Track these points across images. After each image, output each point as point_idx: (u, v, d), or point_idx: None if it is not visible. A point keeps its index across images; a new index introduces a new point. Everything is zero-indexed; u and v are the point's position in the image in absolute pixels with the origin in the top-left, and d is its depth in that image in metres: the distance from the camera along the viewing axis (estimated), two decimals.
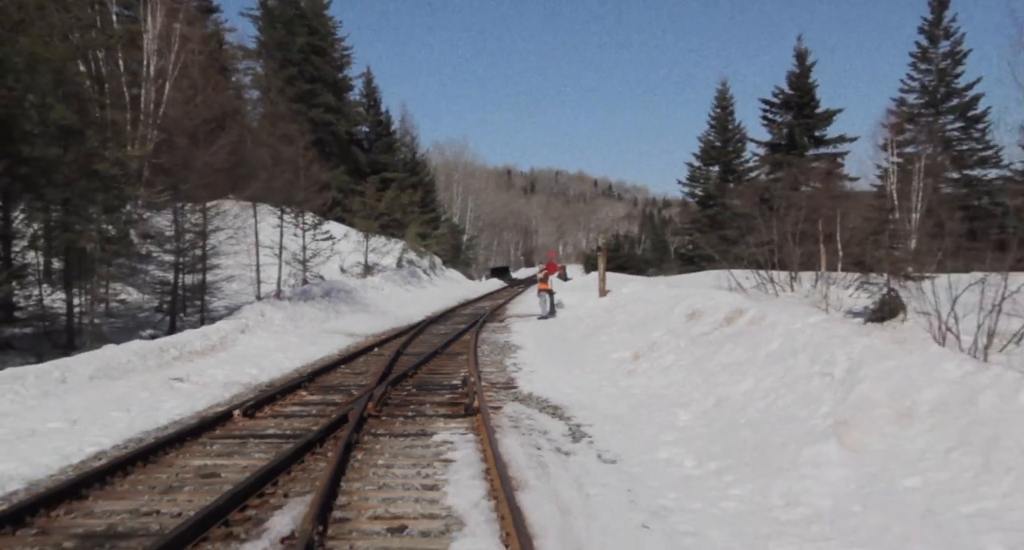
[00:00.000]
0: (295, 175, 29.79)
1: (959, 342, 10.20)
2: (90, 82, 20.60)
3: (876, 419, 7.37)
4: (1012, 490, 5.79)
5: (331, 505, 6.69)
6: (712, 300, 14.45)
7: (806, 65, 45.69)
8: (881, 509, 6.17)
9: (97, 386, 13.16)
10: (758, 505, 6.72)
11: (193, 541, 5.86)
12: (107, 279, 21.21)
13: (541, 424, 10.05)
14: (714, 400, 9.97)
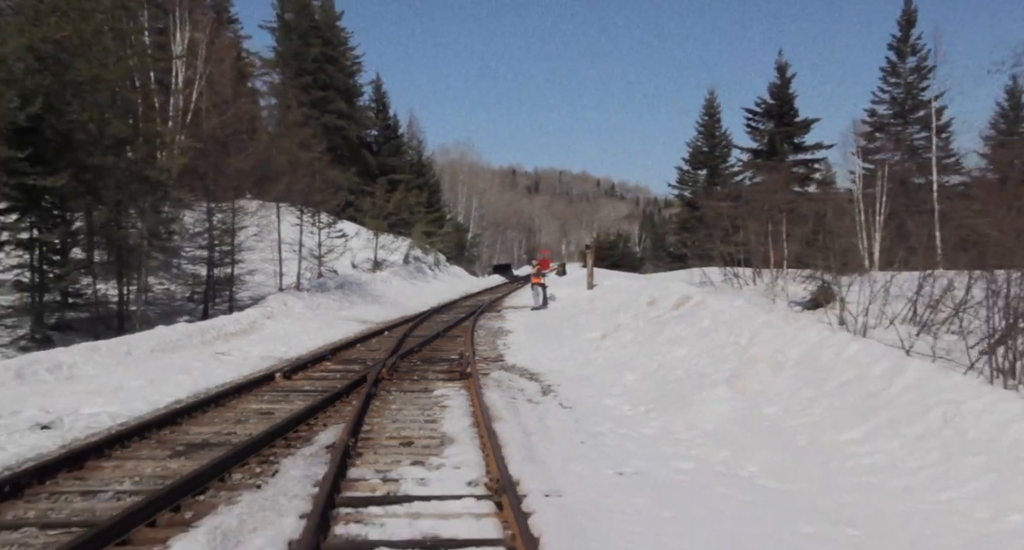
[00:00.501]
0: (312, 178, 32.32)
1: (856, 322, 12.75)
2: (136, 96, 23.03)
3: (757, 370, 9.87)
4: (827, 411, 8.29)
5: (359, 430, 9.16)
6: (668, 290, 16.95)
7: (786, 77, 48.19)
8: (746, 427, 8.67)
9: (157, 358, 15.67)
10: (666, 430, 9.20)
11: (264, 446, 8.35)
12: (150, 271, 23.71)
13: (519, 385, 12.53)
14: (656, 365, 12.46)
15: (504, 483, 6.63)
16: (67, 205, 20.05)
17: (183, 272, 29.45)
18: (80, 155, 19.42)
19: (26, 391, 11.65)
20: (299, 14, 52.48)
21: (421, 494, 6.72)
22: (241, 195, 29.54)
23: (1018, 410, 6.41)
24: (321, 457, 7.81)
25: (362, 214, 44.41)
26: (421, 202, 52.78)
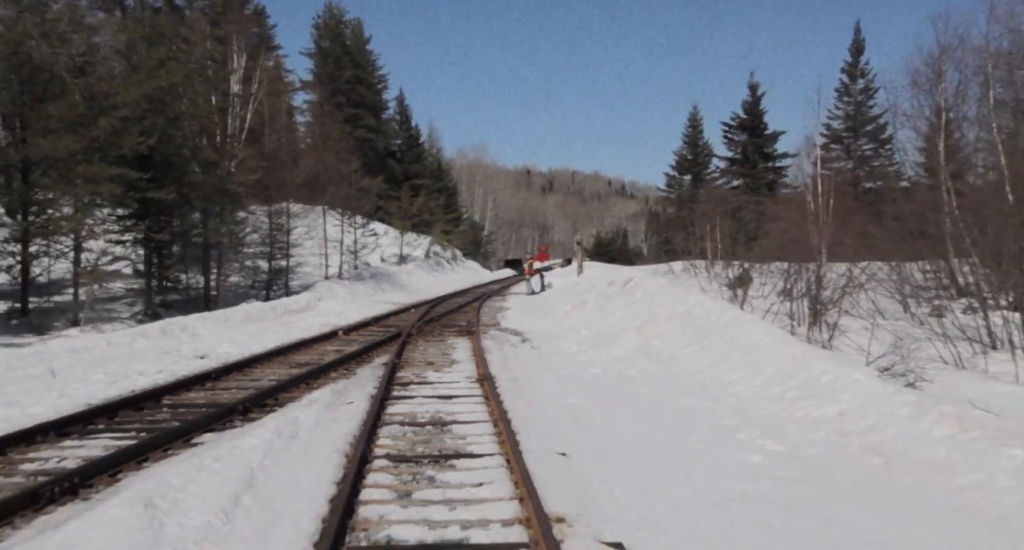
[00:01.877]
0: (349, 187, 37.25)
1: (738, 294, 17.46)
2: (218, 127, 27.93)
3: (656, 322, 14.63)
4: (683, 339, 13.06)
5: (399, 357, 13.95)
6: (621, 273, 21.71)
7: (757, 95, 52.74)
8: (640, 353, 13.43)
9: (247, 324, 20.52)
10: (593, 358, 13.97)
11: (343, 363, 13.17)
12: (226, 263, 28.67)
13: (507, 338, 17.29)
14: (602, 325, 17.22)
15: (485, 375, 11.44)
16: (170, 212, 25.00)
17: (244, 265, 34.41)
18: (179, 174, 24.37)
19: (173, 341, 16.57)
20: (333, 42, 57.44)
21: (438, 380, 11.55)
22: (294, 201, 34.48)
23: (755, 324, 11.15)
24: (379, 368, 12.61)
25: (390, 216, 49.30)
26: (440, 205, 57.69)
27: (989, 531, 5.29)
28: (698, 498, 6.23)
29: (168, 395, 10.27)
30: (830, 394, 8.44)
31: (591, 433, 8.38)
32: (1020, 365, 10.68)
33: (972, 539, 5.22)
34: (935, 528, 5.42)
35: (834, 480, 6.61)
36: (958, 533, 5.33)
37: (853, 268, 16.35)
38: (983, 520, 5.47)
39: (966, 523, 5.47)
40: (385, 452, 7.56)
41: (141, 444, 7.24)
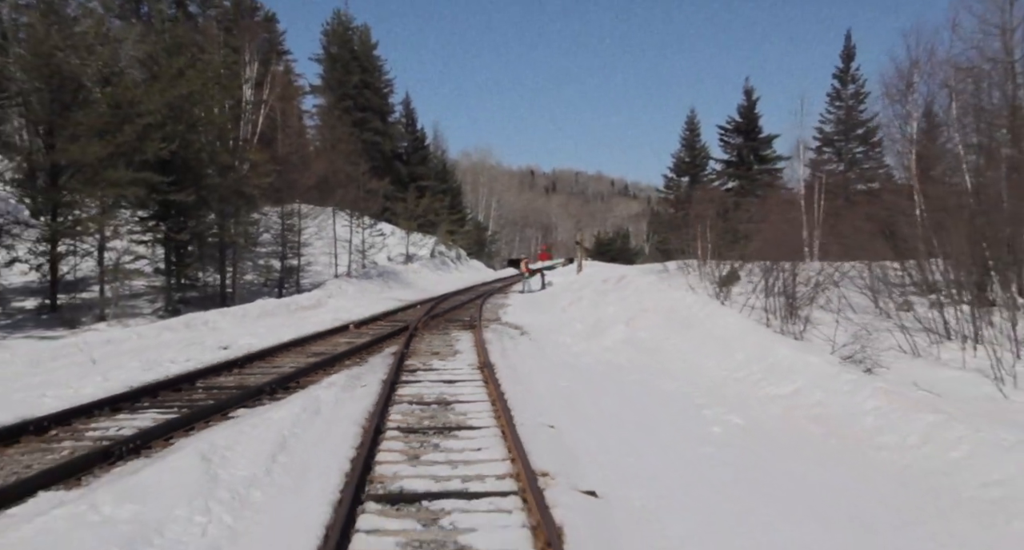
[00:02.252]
0: (358, 189, 38.32)
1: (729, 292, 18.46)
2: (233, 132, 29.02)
3: (644, 315, 15.65)
4: (667, 331, 14.08)
5: (407, 348, 14.98)
6: (616, 272, 22.73)
7: (752, 100, 53.70)
8: (627, 343, 14.46)
9: (263, 319, 21.58)
10: (587, 347, 14.99)
11: (356, 353, 14.22)
12: (241, 262, 29.75)
13: (507, 331, 18.32)
14: (595, 319, 18.23)
15: (485, 363, 12.47)
16: (188, 213, 26.07)
17: (257, 264, 35.50)
18: (197, 177, 25.44)
19: (197, 334, 17.62)
20: (341, 48, 58.52)
21: (442, 367, 12.59)
22: (304, 203, 35.57)
23: (729, 317, 12.17)
24: (388, 357, 13.65)
25: (396, 217, 50.35)
26: (445, 206, 58.76)
27: (894, 477, 6.33)
28: (662, 459, 7.26)
29: (201, 379, 11.33)
30: (787, 375, 9.48)
31: (577, 410, 9.41)
32: (967, 353, 11.68)
33: (880, 483, 6.26)
34: (853, 475, 6.46)
35: (780, 444, 7.64)
36: (871, 478, 6.37)
37: (827, 267, 17.34)
38: (892, 469, 6.50)
39: (879, 471, 6.51)
40: (396, 425, 8.60)
41: (186, 416, 8.29)
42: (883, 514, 5.64)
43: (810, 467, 6.87)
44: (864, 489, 6.18)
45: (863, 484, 6.30)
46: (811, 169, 46.93)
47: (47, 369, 12.38)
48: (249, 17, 54.61)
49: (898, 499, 5.90)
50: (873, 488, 6.17)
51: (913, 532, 5.30)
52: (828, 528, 5.47)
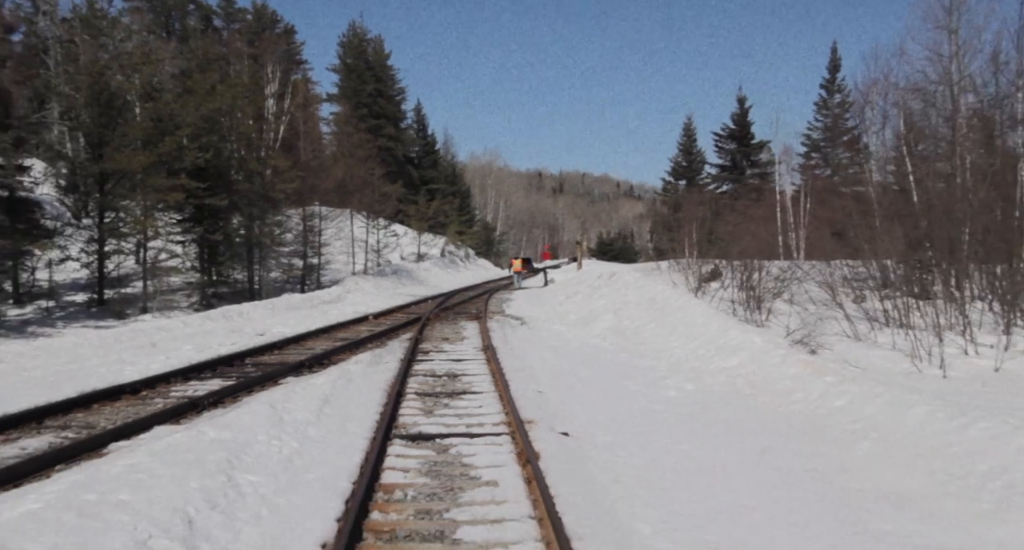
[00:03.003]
0: (373, 193, 40.18)
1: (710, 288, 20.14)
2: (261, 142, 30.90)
3: (628, 306, 17.42)
4: (647, 319, 15.85)
5: (421, 334, 16.77)
6: (607, 267, 24.50)
7: (745, 108, 55.41)
8: (613, 331, 16.23)
9: (290, 312, 23.41)
10: (578, 334, 16.76)
11: (376, 338, 16.03)
12: (267, 260, 31.63)
13: (509, 321, 20.10)
14: (587, 310, 20.02)
15: (488, 346, 14.25)
16: (220, 216, 27.95)
17: (281, 262, 37.37)
18: (228, 183, 27.32)
19: (234, 323, 19.45)
20: (357, 58, 60.45)
21: (451, 349, 14.39)
22: (324, 205, 37.47)
23: (697, 306, 13.93)
24: (405, 341, 15.44)
25: (408, 218, 52.22)
26: (454, 207, 60.62)
27: (795, 421, 8.12)
28: (624, 414, 9.05)
29: (248, 357, 13.16)
30: (734, 352, 11.24)
31: (562, 381, 11.19)
32: (898, 337, 13.37)
33: (784, 425, 8.04)
34: (767, 422, 8.24)
35: (719, 402, 9.41)
36: (779, 422, 8.15)
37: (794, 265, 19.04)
38: (795, 416, 8.28)
39: (786, 417, 8.30)
40: (413, 390, 10.40)
41: (246, 382, 10.11)
42: (777, 442, 7.40)
43: (737, 416, 8.64)
44: (771, 428, 7.96)
45: (771, 425, 8.07)
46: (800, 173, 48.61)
47: (116, 350, 14.21)
48: (270, 30, 56.62)
49: (791, 433, 7.68)
50: (777, 428, 7.94)
51: (792, 451, 7.08)
52: (737, 451, 7.25)
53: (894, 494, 5.81)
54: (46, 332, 20.49)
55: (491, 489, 6.24)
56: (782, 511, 5.55)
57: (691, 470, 6.66)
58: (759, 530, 5.20)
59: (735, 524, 5.33)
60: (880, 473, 6.31)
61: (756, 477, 6.41)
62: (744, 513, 5.56)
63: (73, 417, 8.31)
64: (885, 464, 6.50)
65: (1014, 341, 12.60)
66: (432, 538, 5.21)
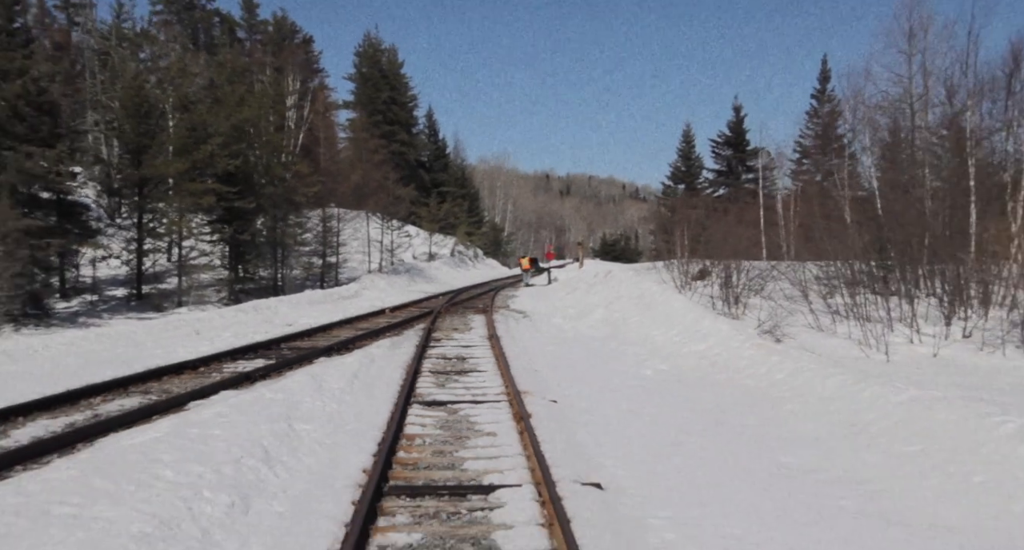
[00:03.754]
0: (387, 195, 41.77)
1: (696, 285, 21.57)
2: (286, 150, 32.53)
3: (620, 301, 18.91)
4: (636, 312, 17.36)
5: (433, 325, 18.29)
6: (604, 267, 25.99)
7: (740, 116, 56.79)
8: (604, 322, 17.73)
9: (313, 306, 24.97)
10: (574, 325, 18.26)
11: (395, 328, 17.57)
12: (289, 258, 33.25)
13: (512, 315, 21.63)
14: (584, 305, 21.51)
15: (493, 335, 15.77)
16: (247, 217, 29.56)
17: (301, 261, 39.00)
18: (257, 187, 28.92)
19: (264, 315, 21.01)
20: (371, 67, 62.09)
21: (460, 338, 15.91)
22: (342, 208, 39.09)
23: (678, 300, 15.42)
24: (419, 331, 16.96)
25: (420, 219, 53.80)
26: (464, 209, 62.20)
27: (746, 392, 9.63)
28: (604, 387, 10.55)
29: (283, 343, 14.72)
30: (704, 338, 12.73)
31: (555, 362, 12.71)
32: (855, 328, 14.80)
33: (737, 396, 9.54)
34: (722, 392, 9.75)
35: (687, 379, 10.92)
36: (733, 394, 9.66)
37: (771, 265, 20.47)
38: (747, 389, 9.79)
39: (739, 390, 9.80)
40: (428, 369, 11.92)
41: (286, 361, 11.67)
42: (726, 406, 8.92)
43: (699, 388, 10.15)
44: (723, 396, 9.46)
45: (725, 394, 9.58)
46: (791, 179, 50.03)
47: (165, 337, 15.79)
48: (289, 39, 58.24)
49: (739, 399, 9.19)
50: (729, 395, 9.45)
51: (735, 411, 8.59)
52: (691, 412, 8.76)
53: (803, 438, 7.31)
54: (95, 322, 22.12)
55: (491, 438, 7.75)
56: (714, 446, 7.06)
57: (650, 424, 8.17)
58: (692, 456, 6.72)
59: (676, 455, 6.84)
60: (797, 424, 7.80)
61: (700, 428, 7.92)
62: (684, 449, 7.07)
63: (150, 386, 9.88)
64: (803, 418, 8.00)
65: (952, 332, 14.04)
66: (445, 468, 6.73)
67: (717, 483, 6.04)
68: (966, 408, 6.49)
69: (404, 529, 5.24)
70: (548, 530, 5.19)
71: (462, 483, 6.28)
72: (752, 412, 8.53)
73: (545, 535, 5.07)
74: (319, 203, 35.87)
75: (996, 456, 5.62)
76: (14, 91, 19.57)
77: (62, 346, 13.72)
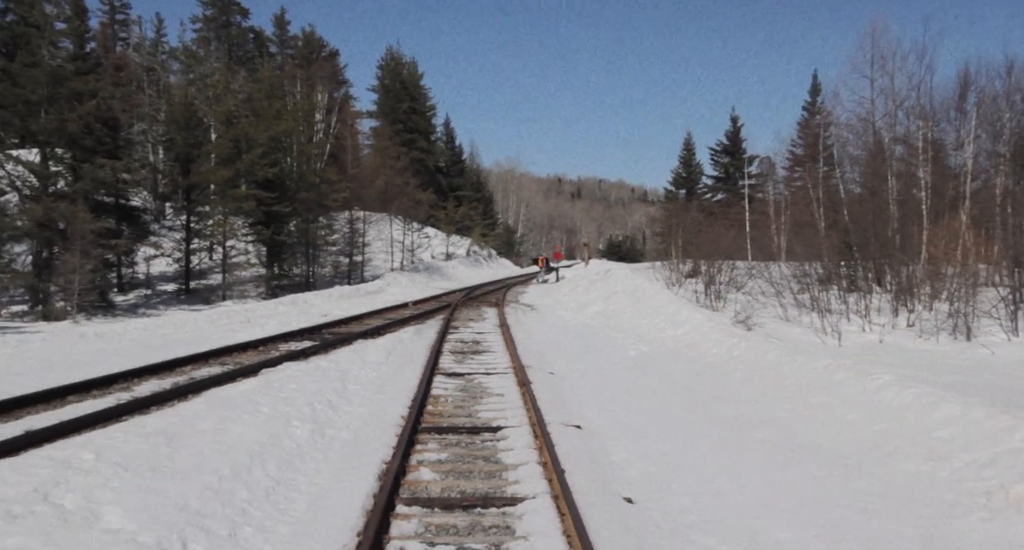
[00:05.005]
0: (408, 199, 43.63)
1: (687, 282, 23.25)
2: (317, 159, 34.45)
3: (616, 296, 20.64)
4: (630, 306, 19.09)
5: (452, 316, 20.06)
6: (604, 265, 27.70)
7: (737, 126, 58.45)
8: (601, 315, 19.47)
9: (344, 299, 26.81)
10: (574, 316, 19.99)
11: (419, 318, 19.37)
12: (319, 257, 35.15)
13: (521, 308, 23.38)
14: (584, 299, 23.23)
15: (503, 324, 17.53)
16: (283, 220, 31.46)
17: (328, 259, 40.91)
18: (291, 192, 30.82)
19: (301, 308, 22.84)
20: (393, 80, 64.00)
21: (475, 326, 17.69)
22: (367, 211, 41.01)
23: (664, 295, 17.12)
24: (439, 321, 18.73)
25: (438, 222, 55.65)
26: (479, 212, 64.05)
27: (707, 366, 11.36)
28: (594, 363, 12.30)
29: (324, 329, 16.53)
30: (681, 325, 14.45)
31: (556, 345, 14.45)
32: (815, 319, 16.46)
33: (698, 368, 11.29)
34: (688, 367, 11.49)
35: (662, 358, 12.65)
36: (695, 367, 11.40)
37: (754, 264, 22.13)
38: (709, 364, 11.53)
39: (701, 365, 11.54)
40: (448, 349, 13.70)
41: (330, 343, 13.47)
42: (688, 377, 10.66)
43: (670, 364, 11.89)
44: (689, 370, 11.20)
45: (690, 368, 11.32)
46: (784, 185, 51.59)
47: (221, 325, 17.64)
48: (317, 53, 60.20)
49: (699, 372, 10.94)
50: (693, 369, 11.19)
51: (695, 381, 10.34)
52: (659, 380, 10.50)
53: (739, 396, 9.04)
54: (152, 313, 24.05)
55: (499, 397, 9.51)
56: (669, 403, 8.82)
57: (623, 389, 9.93)
58: (650, 409, 8.47)
59: (639, 409, 8.59)
60: (738, 387, 9.54)
61: (662, 391, 9.67)
62: (646, 404, 8.82)
63: (224, 359, 11.72)
64: (743, 382, 9.73)
65: (898, 322, 15.69)
66: (463, 416, 8.49)
67: (665, 425, 7.79)
68: (855, 371, 8.20)
69: (435, 452, 7.02)
70: (538, 452, 6.95)
71: (476, 426, 8.05)
72: (707, 379, 10.26)
73: (536, 453, 6.83)
74: (346, 206, 37.75)
75: (864, 401, 7.32)
76: (87, 110, 21.58)
77: (138, 331, 15.60)
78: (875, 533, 4.78)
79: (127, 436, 5.86)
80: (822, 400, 7.98)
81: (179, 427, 6.27)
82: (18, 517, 4.14)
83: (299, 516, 4.94)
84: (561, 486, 5.76)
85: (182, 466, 5.35)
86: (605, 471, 6.24)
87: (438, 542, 4.73)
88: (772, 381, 9.41)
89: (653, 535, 4.74)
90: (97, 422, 6.69)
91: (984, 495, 5.00)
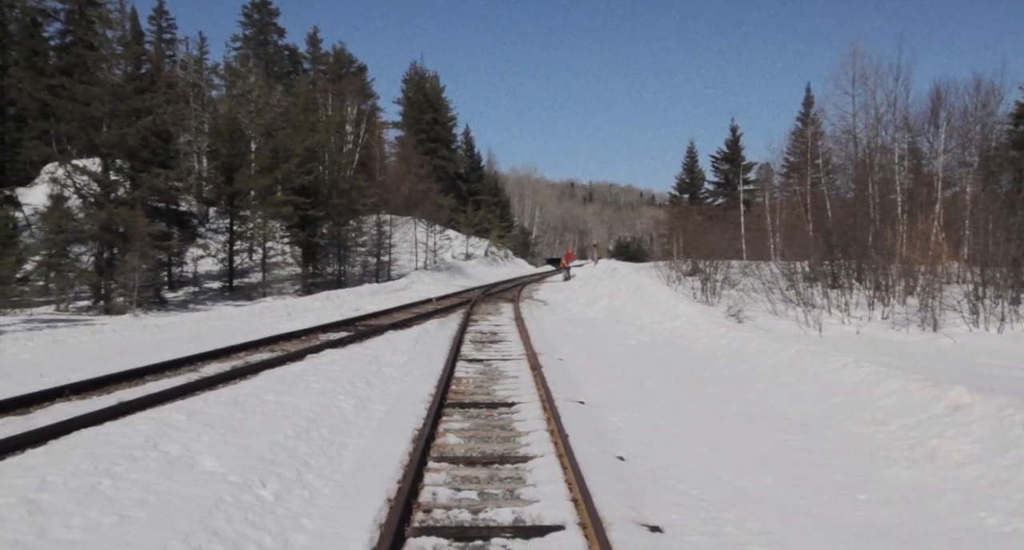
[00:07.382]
0: (431, 203, 44.47)
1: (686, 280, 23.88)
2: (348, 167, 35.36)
3: (620, 293, 21.31)
4: (632, 301, 19.76)
5: (472, 311, 20.80)
6: (611, 264, 28.36)
7: (736, 135, 58.90)
8: (607, 311, 20.15)
9: (372, 296, 27.62)
10: (583, 311, 20.69)
11: (441, 312, 20.13)
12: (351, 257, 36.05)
13: (535, 303, 24.09)
14: (592, 295, 23.89)
15: (519, 317, 18.26)
16: (317, 224, 32.37)
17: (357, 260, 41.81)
18: (323, 198, 31.71)
19: (334, 303, 23.64)
20: (416, 93, 64.95)
21: (493, 320, 18.43)
22: (393, 214, 41.90)
23: (663, 291, 17.77)
24: (460, 314, 19.47)
25: (458, 224, 56.54)
26: (496, 215, 64.85)
27: (696, 354, 12.04)
28: (598, 351, 13.01)
29: (357, 321, 17.33)
30: (677, 317, 15.13)
31: (564, 335, 15.17)
32: (800, 313, 17.08)
33: (689, 355, 11.97)
34: (680, 354, 12.17)
35: (659, 347, 13.34)
36: (686, 355, 12.09)
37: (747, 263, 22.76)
38: (698, 352, 12.20)
39: (692, 352, 12.21)
40: (469, 339, 14.45)
41: (363, 333, 14.27)
42: (678, 362, 11.35)
43: (665, 351, 12.58)
44: (680, 356, 11.89)
45: (682, 355, 12.01)
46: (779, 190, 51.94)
47: (264, 318, 18.48)
48: (347, 67, 61.24)
49: (689, 358, 11.63)
50: (684, 356, 11.88)
51: (685, 365, 11.03)
52: (653, 365, 11.20)
53: (723, 378, 9.74)
54: (200, 308, 25.00)
55: (514, 379, 10.25)
56: (661, 383, 9.52)
57: (622, 372, 10.64)
58: (645, 389, 9.19)
59: (635, 388, 9.31)
60: (722, 370, 10.24)
61: (656, 373, 10.38)
62: (641, 385, 9.53)
63: (272, 347, 12.54)
64: (728, 367, 10.42)
65: (874, 315, 16.28)
66: (483, 394, 9.23)
67: (657, 402, 8.50)
68: (821, 354, 8.88)
69: (459, 422, 7.77)
70: (547, 422, 7.69)
71: (494, 401, 8.79)
72: (696, 365, 10.95)
73: (544, 423, 7.57)
74: (374, 211, 38.64)
75: (826, 379, 8.01)
76: (144, 125, 22.57)
77: (192, 322, 16.49)
78: (822, 480, 5.48)
79: (207, 404, 6.67)
80: (791, 379, 8.66)
81: (246, 398, 7.07)
82: (138, 460, 4.94)
83: (350, 468, 5.70)
84: (565, 447, 6.49)
85: (254, 427, 6.14)
86: (603, 437, 6.97)
87: (463, 488, 5.47)
88: (752, 365, 10.09)
89: (639, 483, 5.46)
90: (178, 395, 7.51)
91: (908, 449, 5.70)
